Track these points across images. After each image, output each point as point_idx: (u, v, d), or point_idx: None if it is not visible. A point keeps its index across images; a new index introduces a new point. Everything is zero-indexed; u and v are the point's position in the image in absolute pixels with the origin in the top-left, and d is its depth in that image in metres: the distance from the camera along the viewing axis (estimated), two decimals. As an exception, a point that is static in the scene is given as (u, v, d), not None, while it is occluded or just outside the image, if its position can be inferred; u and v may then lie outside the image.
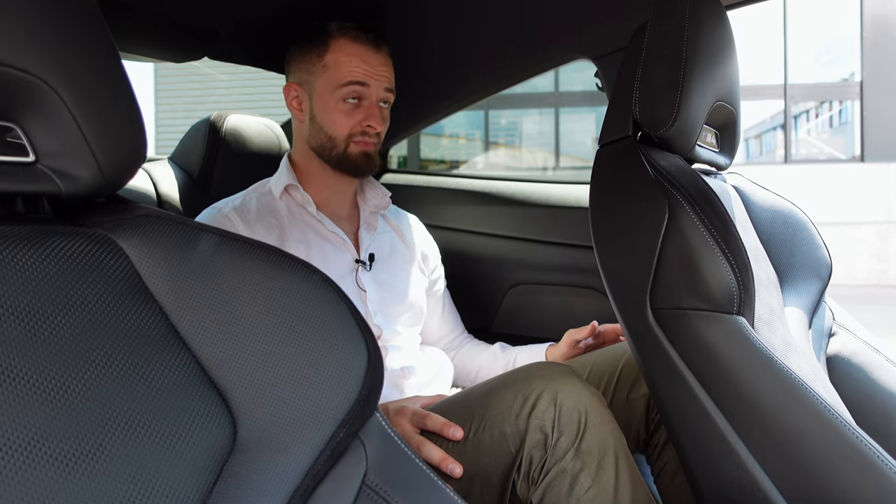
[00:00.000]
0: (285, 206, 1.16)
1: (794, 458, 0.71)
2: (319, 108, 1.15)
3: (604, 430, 0.85)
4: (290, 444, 0.47)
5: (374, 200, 1.24)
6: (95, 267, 0.47)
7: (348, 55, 1.13)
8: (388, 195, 1.26)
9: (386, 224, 1.28)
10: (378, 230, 1.23)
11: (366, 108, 1.14)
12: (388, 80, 1.17)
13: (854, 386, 1.01)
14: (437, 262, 1.37)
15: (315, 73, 1.15)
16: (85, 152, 0.46)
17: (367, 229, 1.21)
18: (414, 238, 1.31)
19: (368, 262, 1.17)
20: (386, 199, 1.25)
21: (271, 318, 0.50)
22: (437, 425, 0.91)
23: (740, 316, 0.77)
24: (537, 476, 0.85)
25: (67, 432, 0.40)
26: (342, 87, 1.12)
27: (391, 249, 1.24)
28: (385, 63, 1.16)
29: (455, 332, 1.37)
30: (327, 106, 1.14)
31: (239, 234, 0.53)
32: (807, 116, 10.22)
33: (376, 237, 1.23)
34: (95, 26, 0.46)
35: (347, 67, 1.13)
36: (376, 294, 1.16)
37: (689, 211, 0.78)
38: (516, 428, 0.86)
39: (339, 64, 1.13)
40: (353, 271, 1.15)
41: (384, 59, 1.16)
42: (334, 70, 1.13)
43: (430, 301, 1.32)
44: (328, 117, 1.14)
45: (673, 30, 0.85)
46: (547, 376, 0.88)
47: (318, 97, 1.15)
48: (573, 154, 9.71)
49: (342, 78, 1.12)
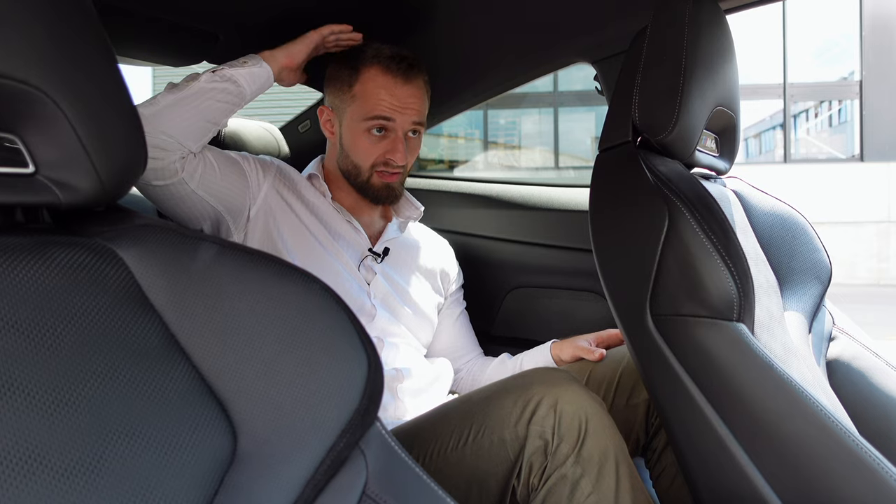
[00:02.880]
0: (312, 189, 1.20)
1: (793, 464, 0.71)
2: (347, 136, 1.17)
3: (604, 436, 0.84)
4: (291, 454, 0.47)
5: (406, 212, 1.29)
6: (95, 278, 0.46)
7: (377, 87, 1.13)
8: (421, 209, 1.29)
9: (415, 234, 1.32)
10: (404, 233, 1.27)
11: (390, 141, 1.15)
12: (417, 112, 1.16)
13: (854, 390, 1.01)
14: (458, 287, 1.38)
15: (346, 101, 1.16)
16: (84, 163, 0.45)
17: (396, 227, 1.25)
18: (438, 256, 1.34)
19: (382, 255, 1.20)
20: (419, 211, 1.29)
21: (271, 328, 0.50)
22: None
23: (740, 323, 0.77)
24: (537, 482, 0.85)
25: (68, 445, 0.40)
26: (368, 119, 1.13)
27: (408, 254, 1.27)
28: (415, 94, 1.16)
29: (471, 354, 1.36)
30: (354, 135, 1.16)
31: (238, 244, 0.53)
32: (806, 116, 10.22)
33: (401, 238, 1.26)
34: (95, 37, 0.46)
35: (375, 100, 1.13)
36: (381, 284, 1.19)
37: (689, 218, 0.78)
38: (516, 434, 0.86)
39: (366, 95, 1.13)
40: (363, 257, 1.18)
41: (415, 90, 1.15)
42: (362, 101, 1.14)
43: (445, 320, 1.33)
44: (354, 146, 1.16)
45: (673, 35, 0.85)
46: (547, 382, 0.88)
47: (347, 125, 1.17)
48: (573, 154, 9.71)
49: (369, 111, 1.13)
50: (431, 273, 1.30)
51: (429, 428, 0.94)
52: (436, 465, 0.90)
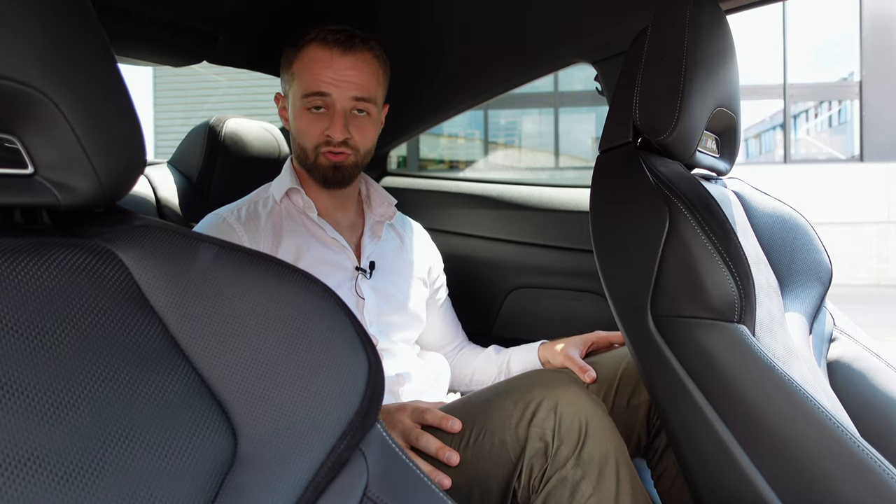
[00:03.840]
0: (285, 210, 1.15)
1: (794, 466, 0.71)
2: (292, 119, 1.13)
3: (605, 438, 0.84)
4: (291, 456, 0.47)
5: (379, 209, 1.23)
6: (95, 279, 0.46)
7: (313, 61, 1.08)
8: (394, 203, 1.25)
9: (391, 232, 1.27)
10: (382, 238, 1.22)
11: (329, 117, 1.09)
12: (359, 86, 1.09)
13: (855, 391, 1.01)
14: (440, 272, 1.36)
15: (289, 83, 1.13)
16: (84, 164, 0.45)
17: (370, 237, 1.20)
18: (417, 247, 1.30)
19: (369, 270, 1.16)
20: (391, 208, 1.24)
21: (271, 330, 0.49)
22: (435, 419, 0.92)
23: (741, 324, 0.77)
24: (538, 484, 0.84)
25: (67, 448, 0.40)
26: (305, 97, 1.09)
27: (393, 258, 1.23)
28: (356, 66, 1.08)
29: (456, 342, 1.37)
30: (296, 116, 1.12)
31: (239, 245, 0.53)
32: (806, 116, 10.22)
33: (379, 245, 1.21)
34: (94, 37, 0.46)
35: (310, 76, 1.08)
36: (374, 303, 1.15)
37: (689, 219, 0.78)
38: (516, 436, 0.86)
39: (303, 72, 1.09)
40: (353, 279, 1.14)
41: (355, 61, 1.08)
42: (300, 79, 1.10)
43: (431, 310, 1.31)
44: (297, 128, 1.12)
45: (673, 36, 0.85)
46: (547, 384, 0.88)
47: (291, 107, 1.13)
48: (573, 154, 9.71)
49: (305, 88, 1.09)
50: (419, 268, 1.27)
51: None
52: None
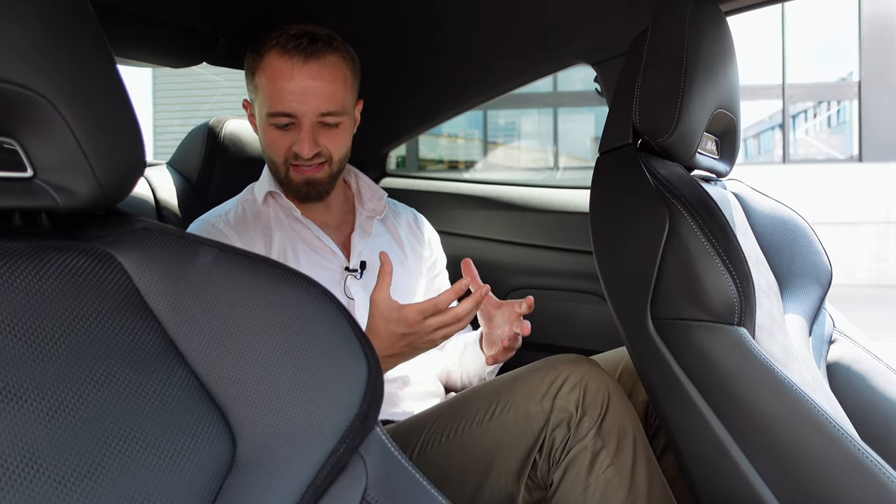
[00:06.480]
0: (272, 212, 1.12)
1: (793, 469, 0.71)
2: (260, 131, 1.09)
3: (624, 412, 0.88)
4: (290, 459, 0.47)
5: (370, 204, 1.19)
6: (94, 283, 0.46)
7: (274, 75, 1.01)
8: (384, 197, 1.21)
9: (382, 227, 1.21)
10: (373, 234, 1.17)
11: (296, 132, 1.03)
12: (325, 98, 1.01)
13: (854, 393, 1.01)
14: (439, 255, 1.30)
15: (253, 92, 1.08)
16: (83, 167, 0.45)
17: (360, 235, 1.15)
18: (411, 237, 1.25)
19: (360, 269, 1.12)
20: (382, 202, 1.19)
21: (270, 333, 0.49)
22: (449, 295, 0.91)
23: (741, 327, 0.77)
24: (559, 455, 0.87)
25: (66, 452, 0.40)
26: (269, 116, 1.03)
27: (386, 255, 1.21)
28: (321, 75, 1.00)
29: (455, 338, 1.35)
30: (262, 129, 1.07)
31: (237, 248, 0.53)
32: (805, 116, 10.23)
33: (370, 242, 1.16)
34: (94, 40, 0.46)
35: (272, 92, 1.01)
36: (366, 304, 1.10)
37: (689, 221, 0.78)
38: (541, 408, 0.88)
39: (266, 85, 1.02)
40: (341, 280, 1.11)
41: (319, 69, 1.00)
42: (262, 93, 1.04)
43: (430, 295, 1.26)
44: (264, 141, 1.08)
45: (673, 37, 0.85)
46: (573, 362, 0.91)
47: (259, 120, 1.08)
48: (572, 154, 9.71)
49: (269, 106, 1.02)
50: (409, 260, 1.21)
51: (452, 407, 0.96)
52: (459, 440, 0.92)
